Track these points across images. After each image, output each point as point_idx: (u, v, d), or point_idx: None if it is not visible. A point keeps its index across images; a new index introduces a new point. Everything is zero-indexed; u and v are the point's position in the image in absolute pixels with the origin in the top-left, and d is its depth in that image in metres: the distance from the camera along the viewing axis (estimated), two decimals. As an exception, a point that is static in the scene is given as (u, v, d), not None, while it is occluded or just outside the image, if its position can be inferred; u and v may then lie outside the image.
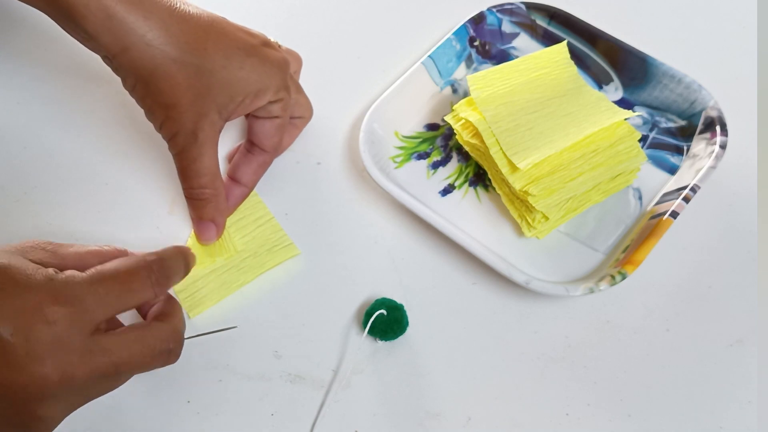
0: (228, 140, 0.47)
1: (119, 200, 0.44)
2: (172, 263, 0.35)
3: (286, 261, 0.42)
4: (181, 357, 0.34)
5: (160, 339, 0.33)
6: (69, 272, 0.30)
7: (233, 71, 0.37)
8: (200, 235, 0.41)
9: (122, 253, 0.35)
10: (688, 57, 0.50)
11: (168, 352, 0.33)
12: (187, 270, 0.36)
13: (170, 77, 0.36)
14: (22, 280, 0.29)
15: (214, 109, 0.37)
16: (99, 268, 0.31)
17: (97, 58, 0.38)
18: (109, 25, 0.35)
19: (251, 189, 0.43)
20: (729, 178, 0.46)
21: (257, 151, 0.42)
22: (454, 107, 0.45)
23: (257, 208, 0.44)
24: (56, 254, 0.33)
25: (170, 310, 0.35)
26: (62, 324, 0.28)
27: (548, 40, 0.51)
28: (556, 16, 0.51)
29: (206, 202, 0.39)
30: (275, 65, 0.39)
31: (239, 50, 0.37)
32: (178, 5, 0.37)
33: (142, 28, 0.35)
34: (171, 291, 0.39)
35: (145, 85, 0.36)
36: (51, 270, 0.30)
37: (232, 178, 0.43)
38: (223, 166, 0.45)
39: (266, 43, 0.40)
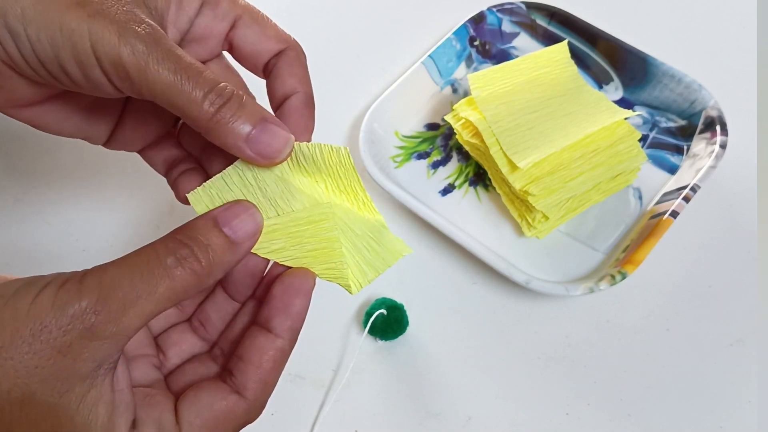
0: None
1: (119, 200, 0.44)
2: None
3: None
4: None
5: None
6: None
7: None
8: (267, 147, 0.24)
9: None
10: (688, 57, 0.50)
11: None
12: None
13: None
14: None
15: None
16: None
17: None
18: None
19: None
20: (729, 178, 0.46)
21: None
22: (454, 107, 0.45)
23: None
24: None
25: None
26: None
27: (548, 39, 0.51)
28: (556, 15, 0.51)
29: (243, 98, 0.24)
30: None
31: None
32: None
33: None
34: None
35: None
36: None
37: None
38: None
39: None
